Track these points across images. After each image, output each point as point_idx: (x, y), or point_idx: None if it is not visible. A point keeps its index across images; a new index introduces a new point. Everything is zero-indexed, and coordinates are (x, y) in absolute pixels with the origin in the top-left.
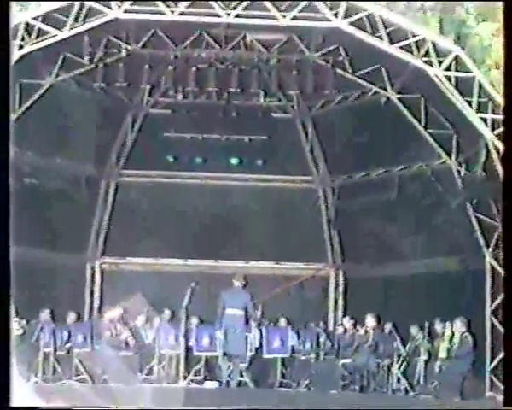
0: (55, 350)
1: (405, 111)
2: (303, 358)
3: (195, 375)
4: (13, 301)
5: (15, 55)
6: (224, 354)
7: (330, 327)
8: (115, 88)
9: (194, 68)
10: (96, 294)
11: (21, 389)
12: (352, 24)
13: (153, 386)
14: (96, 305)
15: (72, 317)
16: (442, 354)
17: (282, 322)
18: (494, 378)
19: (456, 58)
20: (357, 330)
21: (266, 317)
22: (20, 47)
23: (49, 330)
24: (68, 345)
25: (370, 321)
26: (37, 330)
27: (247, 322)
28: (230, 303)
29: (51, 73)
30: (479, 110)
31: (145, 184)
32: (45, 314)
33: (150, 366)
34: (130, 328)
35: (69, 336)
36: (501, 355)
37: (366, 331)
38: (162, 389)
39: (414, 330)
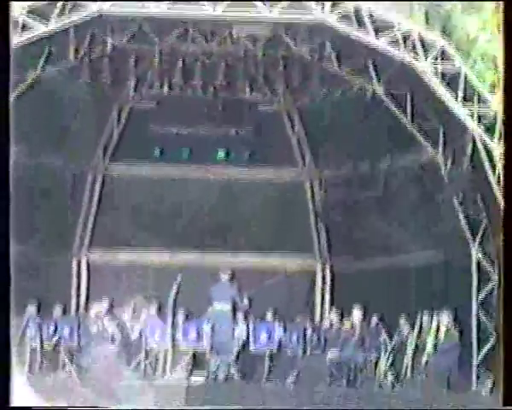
0: (42, 344)
1: (392, 105)
2: (290, 352)
3: (183, 369)
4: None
5: None
6: (212, 348)
7: (317, 321)
8: (101, 82)
9: (180, 62)
10: (83, 288)
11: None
12: (338, 18)
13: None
14: (82, 299)
15: (58, 311)
16: (428, 347)
17: (269, 316)
18: (481, 371)
19: (443, 51)
20: (344, 324)
21: (253, 311)
22: None
23: (35, 324)
24: (55, 339)
25: (357, 315)
26: (23, 325)
27: (234, 316)
28: (218, 298)
29: (36, 68)
30: (465, 104)
31: (132, 177)
32: (31, 309)
33: (137, 360)
34: (116, 322)
35: (55, 331)
36: (487, 348)
37: (353, 325)
38: (149, 385)
39: (401, 323)
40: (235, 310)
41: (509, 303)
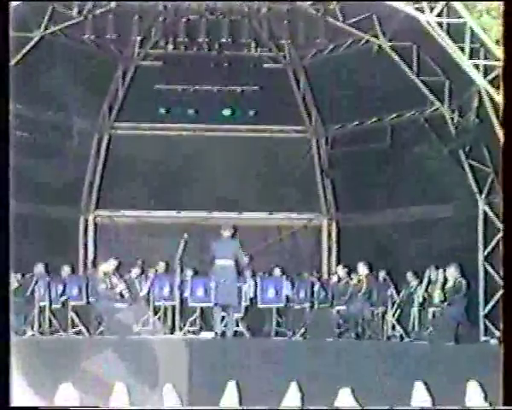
0: (51, 303)
1: (397, 59)
2: (298, 307)
3: (191, 326)
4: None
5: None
6: (216, 304)
7: (324, 276)
8: (105, 40)
9: (184, 19)
10: (90, 247)
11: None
12: None
13: (149, 337)
14: (90, 258)
15: (66, 270)
16: (436, 300)
17: (277, 272)
18: (488, 323)
19: (448, 4)
20: (351, 279)
21: (261, 267)
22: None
23: (43, 283)
24: (63, 298)
25: (363, 269)
26: (32, 284)
27: (238, 272)
28: (220, 254)
29: (40, 26)
30: (471, 56)
31: (138, 136)
32: (40, 268)
33: (145, 317)
34: (124, 280)
35: (64, 290)
36: (494, 300)
37: (360, 280)
38: (159, 340)
39: (409, 276)
40: (238, 265)
41: None
